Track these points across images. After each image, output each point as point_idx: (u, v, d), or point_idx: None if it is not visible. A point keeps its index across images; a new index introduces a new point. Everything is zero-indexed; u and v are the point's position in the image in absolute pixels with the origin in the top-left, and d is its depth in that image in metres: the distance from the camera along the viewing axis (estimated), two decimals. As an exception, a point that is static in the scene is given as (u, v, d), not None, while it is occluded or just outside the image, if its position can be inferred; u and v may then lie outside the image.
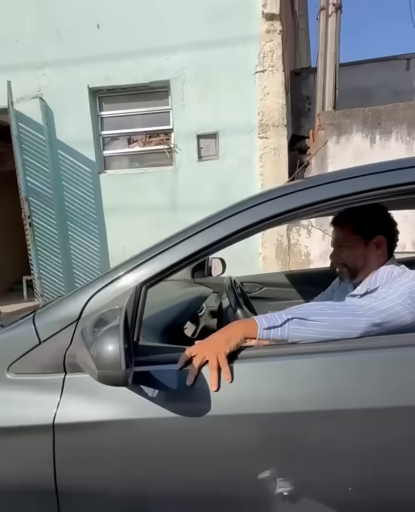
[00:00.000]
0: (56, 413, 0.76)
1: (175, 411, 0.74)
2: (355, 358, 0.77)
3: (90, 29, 3.39)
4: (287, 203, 0.81)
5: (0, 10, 3.48)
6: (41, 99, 3.53)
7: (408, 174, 0.80)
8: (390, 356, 0.77)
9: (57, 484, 0.75)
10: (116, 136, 3.83)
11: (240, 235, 0.82)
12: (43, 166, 3.69)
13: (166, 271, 0.83)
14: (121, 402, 0.76)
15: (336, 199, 0.80)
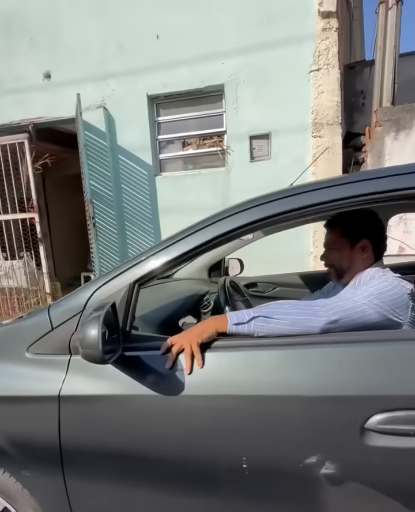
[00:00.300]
0: (62, 387, 0.95)
1: (156, 390, 0.90)
2: (305, 352, 0.89)
3: (150, 39, 3.58)
4: (266, 211, 0.94)
5: (69, 27, 3.79)
6: (105, 108, 3.80)
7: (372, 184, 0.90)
8: (344, 350, 0.87)
9: (61, 441, 0.95)
10: (171, 140, 4.01)
11: (217, 241, 0.96)
12: (105, 171, 3.98)
13: (155, 272, 0.98)
14: (113, 380, 0.93)
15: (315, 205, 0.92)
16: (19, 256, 4.61)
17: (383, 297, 0.96)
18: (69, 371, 0.97)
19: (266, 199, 0.96)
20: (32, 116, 4.04)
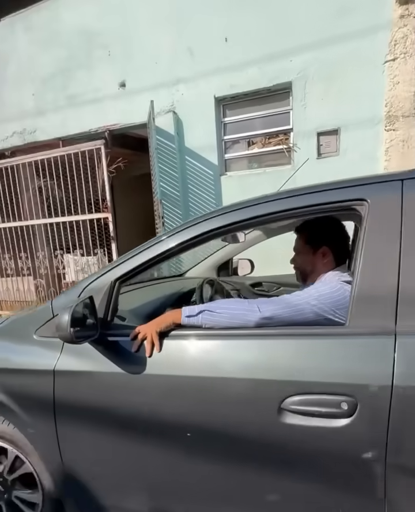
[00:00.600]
0: (56, 363, 1.22)
1: (124, 368, 1.13)
2: (240, 342, 1.07)
3: (218, 42, 3.68)
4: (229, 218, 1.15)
5: (142, 38, 4.03)
6: (174, 112, 3.99)
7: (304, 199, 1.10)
8: (270, 342, 1.05)
9: (55, 403, 1.21)
10: (237, 140, 4.08)
11: (187, 244, 1.16)
12: (173, 172, 4.17)
13: (133, 271, 1.19)
14: (94, 359, 1.17)
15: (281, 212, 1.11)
16: (93, 253, 5.02)
17: (322, 299, 1.08)
18: (63, 351, 1.23)
19: (224, 210, 1.19)
20: (108, 123, 4.36)
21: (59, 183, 4.87)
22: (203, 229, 1.15)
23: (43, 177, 4.99)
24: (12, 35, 4.70)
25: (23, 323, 1.51)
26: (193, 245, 1.18)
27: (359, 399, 0.90)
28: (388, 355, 0.90)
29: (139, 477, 1.19)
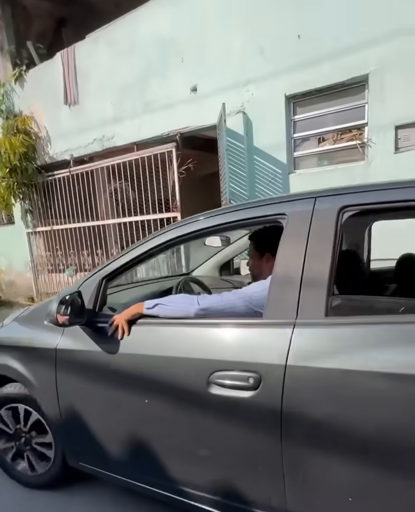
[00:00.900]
0: (58, 343, 1.62)
1: (105, 348, 1.48)
2: (182, 328, 1.40)
3: (291, 40, 3.67)
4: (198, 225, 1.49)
5: (213, 43, 4.16)
6: (244, 113, 4.06)
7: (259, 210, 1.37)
8: (204, 329, 1.35)
9: (56, 373, 1.62)
10: (307, 137, 4.02)
11: (164, 246, 1.50)
12: (241, 172, 4.24)
13: (116, 271, 1.56)
14: (85, 340, 1.53)
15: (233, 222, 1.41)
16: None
17: (253, 296, 1.34)
18: (63, 334, 1.63)
19: (181, 223, 1.54)
20: (179, 126, 4.57)
21: (132, 184, 5.22)
22: (164, 239, 1.51)
23: (119, 179, 5.38)
24: (96, 50, 5.14)
25: (38, 311, 1.91)
26: (158, 252, 1.56)
27: (263, 375, 1.14)
28: (286, 341, 1.13)
29: (112, 425, 1.56)
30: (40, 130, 6.09)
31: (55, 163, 6.17)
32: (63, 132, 5.82)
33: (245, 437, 1.20)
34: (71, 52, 5.33)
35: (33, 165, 6.14)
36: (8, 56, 6.16)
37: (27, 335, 1.85)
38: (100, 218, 5.96)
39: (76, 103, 5.49)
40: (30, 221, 6.82)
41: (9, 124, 6.01)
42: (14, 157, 5.83)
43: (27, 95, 6.12)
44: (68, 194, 6.07)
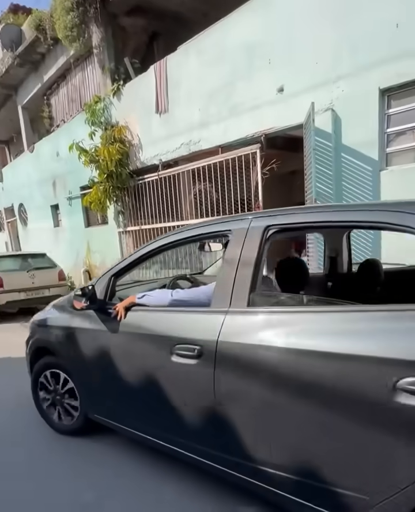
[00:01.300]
0: (77, 323, 2.29)
1: (110, 327, 2.06)
2: (160, 314, 1.95)
3: (387, 31, 3.50)
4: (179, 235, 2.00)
5: (302, 42, 4.14)
6: (333, 110, 3.97)
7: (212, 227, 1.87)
8: (173, 314, 1.89)
9: (79, 345, 2.27)
10: (402, 131, 3.78)
11: (157, 251, 2.06)
12: (328, 170, 4.15)
13: (122, 270, 2.17)
14: (96, 321, 2.14)
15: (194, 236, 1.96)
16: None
17: (208, 292, 1.79)
18: (81, 316, 2.27)
19: (167, 235, 2.08)
20: (264, 128, 4.64)
21: (216, 186, 5.44)
22: (155, 246, 2.06)
23: (203, 181, 5.65)
24: (186, 60, 5.47)
25: (66, 300, 2.53)
26: (149, 257, 2.10)
27: (203, 348, 1.59)
28: (220, 324, 1.57)
29: (114, 386, 2.11)
30: (133, 138, 6.67)
31: (145, 168, 6.70)
32: (153, 139, 6.30)
33: (193, 391, 1.68)
34: (163, 64, 5.75)
35: (126, 170, 6.75)
36: (108, 74, 6.86)
37: (58, 317, 2.51)
38: (183, 218, 6.32)
39: (166, 111, 5.90)
40: (122, 221, 7.50)
41: (107, 134, 6.70)
42: (111, 163, 6.49)
43: (123, 107, 6.75)
44: (155, 196, 6.56)
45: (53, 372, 2.53)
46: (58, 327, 2.43)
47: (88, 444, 2.41)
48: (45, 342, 2.58)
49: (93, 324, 2.16)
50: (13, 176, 12.13)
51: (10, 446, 2.49)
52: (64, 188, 9.17)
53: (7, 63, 9.48)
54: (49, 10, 7.23)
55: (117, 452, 2.28)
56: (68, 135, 8.26)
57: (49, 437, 2.53)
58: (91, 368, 2.23)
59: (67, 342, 2.34)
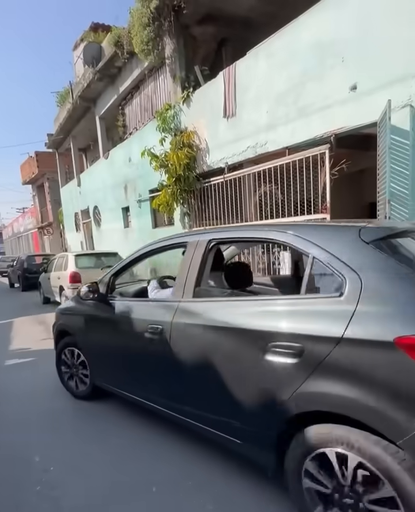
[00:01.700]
0: (91, 311, 3.04)
1: (109, 313, 2.80)
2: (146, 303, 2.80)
3: None
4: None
5: (378, 35, 3.99)
6: (411, 106, 3.76)
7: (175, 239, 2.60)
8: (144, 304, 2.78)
9: (87, 328, 3.13)
10: None
11: (140, 257, 2.84)
12: (404, 170, 3.93)
13: (118, 272, 2.92)
14: (98, 309, 2.94)
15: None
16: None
17: (172, 289, 2.55)
18: (89, 305, 3.02)
19: (154, 242, 2.77)
20: (334, 127, 4.54)
21: (282, 187, 5.43)
22: (139, 253, 2.82)
23: (269, 183, 5.68)
24: (255, 64, 5.55)
25: (80, 292, 3.20)
26: (139, 261, 2.86)
27: (163, 327, 2.26)
28: (174, 310, 2.24)
29: (108, 357, 2.93)
30: (201, 142, 6.93)
31: (211, 171, 6.91)
32: (220, 142, 6.48)
33: (158, 356, 2.35)
34: (232, 70, 5.90)
35: (193, 173, 7.03)
36: (178, 82, 7.21)
37: (72, 306, 3.37)
38: (246, 220, 6.40)
39: (234, 115, 6.04)
40: (187, 222, 7.81)
41: (177, 140, 7.04)
42: (179, 168, 6.81)
43: (192, 113, 7.04)
44: (220, 198, 6.73)
45: (70, 349, 3.33)
46: (72, 314, 3.31)
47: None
48: (65, 325, 3.42)
49: (96, 311, 2.96)
50: (90, 181, 13.23)
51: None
52: (135, 192, 9.79)
53: (88, 78, 10.41)
54: (127, 27, 7.81)
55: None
56: (140, 142, 8.83)
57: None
58: (94, 344, 3.06)
59: (78, 325, 3.18)
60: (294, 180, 5.19)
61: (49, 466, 2.39)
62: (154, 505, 1.98)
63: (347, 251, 1.61)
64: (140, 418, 2.90)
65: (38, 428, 2.91)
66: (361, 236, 1.63)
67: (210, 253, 2.22)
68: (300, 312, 1.67)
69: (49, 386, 3.71)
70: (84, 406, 3.24)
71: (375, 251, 1.56)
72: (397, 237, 1.78)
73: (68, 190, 15.93)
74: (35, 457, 2.50)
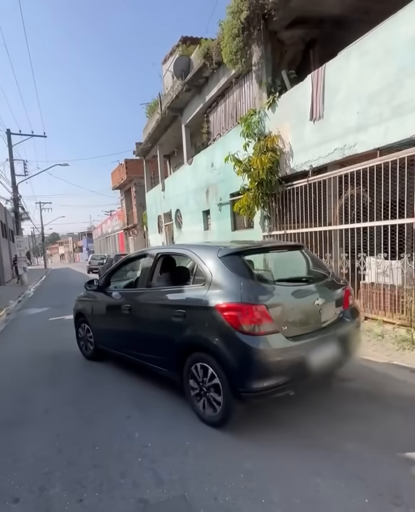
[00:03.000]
0: (94, 296, 4.60)
1: (103, 300, 4.35)
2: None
3: None
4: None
5: None
6: None
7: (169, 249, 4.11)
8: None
9: (92, 311, 4.69)
10: None
11: (123, 264, 4.53)
12: None
13: (111, 272, 4.48)
14: (97, 296, 4.51)
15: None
16: (399, 257, 5.01)
17: None
18: (94, 294, 4.57)
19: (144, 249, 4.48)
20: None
21: (371, 190, 5.20)
22: (122, 261, 4.48)
23: (357, 185, 5.48)
24: (346, 64, 5.42)
25: (85, 285, 4.77)
26: (124, 265, 4.44)
27: (131, 306, 3.79)
28: (137, 295, 3.81)
29: (110, 329, 4.30)
30: (285, 146, 6.95)
31: (294, 174, 6.89)
32: (305, 146, 6.44)
33: (127, 324, 3.85)
34: (321, 72, 5.84)
35: (275, 177, 7.08)
36: (264, 88, 7.34)
37: (83, 294, 4.91)
38: (329, 224, 6.24)
39: (321, 117, 5.96)
40: (267, 225, 7.87)
41: (260, 144, 7.17)
42: (262, 172, 6.92)
43: (276, 117, 7.11)
44: (302, 202, 6.67)
45: (82, 325, 4.86)
46: (83, 299, 4.89)
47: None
48: (80, 308, 4.92)
49: (96, 297, 4.52)
50: (173, 186, 14.06)
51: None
52: (216, 195, 10.16)
53: (177, 90, 11.12)
54: (217, 39, 8.19)
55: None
56: (223, 148, 9.15)
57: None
58: (94, 318, 4.58)
59: (85, 306, 4.77)
60: (385, 183, 4.94)
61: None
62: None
63: (209, 262, 3.01)
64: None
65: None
66: (218, 253, 2.99)
67: (158, 262, 3.67)
68: (187, 293, 3.12)
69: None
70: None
71: (220, 262, 2.93)
72: (235, 255, 3.01)
73: (153, 194, 17.10)
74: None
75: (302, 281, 3.25)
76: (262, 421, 2.88)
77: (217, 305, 2.69)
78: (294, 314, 2.81)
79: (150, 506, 2.01)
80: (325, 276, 3.33)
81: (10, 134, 18.10)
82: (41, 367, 4.65)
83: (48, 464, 2.47)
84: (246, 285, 2.71)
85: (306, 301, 2.93)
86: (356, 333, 3.26)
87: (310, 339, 2.78)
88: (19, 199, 19.15)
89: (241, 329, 2.55)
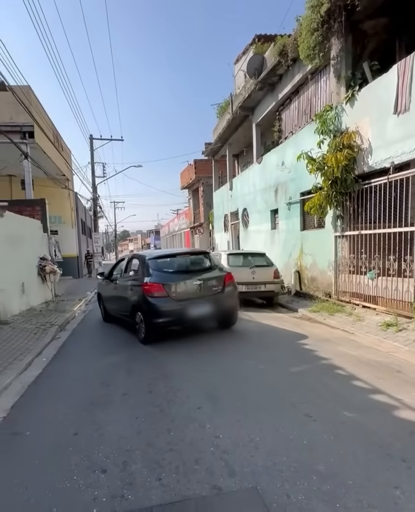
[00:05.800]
0: (102, 284, 7.99)
1: (108, 284, 7.31)
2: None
3: None
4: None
5: None
6: None
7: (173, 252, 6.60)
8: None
9: (101, 289, 8.03)
10: None
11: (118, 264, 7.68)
12: None
13: (112, 269, 7.49)
14: (105, 282, 7.54)
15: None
16: None
17: None
18: (104, 281, 7.64)
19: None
20: None
21: None
22: (117, 261, 7.62)
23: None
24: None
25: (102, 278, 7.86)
26: (117, 264, 7.36)
27: (116, 285, 6.92)
28: (118, 280, 6.88)
29: (109, 299, 7.23)
30: (363, 142, 6.59)
31: (372, 172, 6.50)
32: (387, 141, 6.03)
33: (116, 295, 6.69)
34: (408, 61, 5.42)
35: (351, 175, 6.75)
36: (343, 82, 7.03)
37: (99, 282, 7.98)
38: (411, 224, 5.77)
39: (407, 110, 5.54)
40: (340, 225, 7.53)
41: (336, 141, 6.88)
42: (337, 170, 6.65)
43: (355, 112, 6.77)
44: (380, 201, 6.26)
45: (100, 301, 7.85)
46: (100, 284, 7.92)
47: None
48: (98, 290, 8.12)
49: (105, 283, 7.32)
50: (241, 185, 14.12)
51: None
52: (285, 194, 9.98)
53: (249, 89, 11.13)
54: (293, 35, 8.04)
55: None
56: (295, 146, 8.96)
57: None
58: (104, 295, 7.49)
59: (100, 288, 7.87)
60: None
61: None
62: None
63: (141, 263, 5.89)
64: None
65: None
66: (146, 258, 5.81)
67: (128, 262, 6.50)
68: (134, 278, 5.91)
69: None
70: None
71: (146, 264, 5.68)
72: (154, 259, 5.80)
73: (220, 194, 17.34)
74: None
75: (193, 271, 5.75)
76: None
77: (142, 284, 5.43)
78: (180, 288, 5.39)
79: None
80: (211, 268, 5.92)
81: (92, 139, 19.73)
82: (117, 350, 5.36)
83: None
84: (155, 274, 5.45)
85: (189, 281, 5.43)
86: (226, 300, 5.71)
87: (189, 301, 5.33)
88: (98, 199, 20.79)
89: (150, 295, 5.27)
